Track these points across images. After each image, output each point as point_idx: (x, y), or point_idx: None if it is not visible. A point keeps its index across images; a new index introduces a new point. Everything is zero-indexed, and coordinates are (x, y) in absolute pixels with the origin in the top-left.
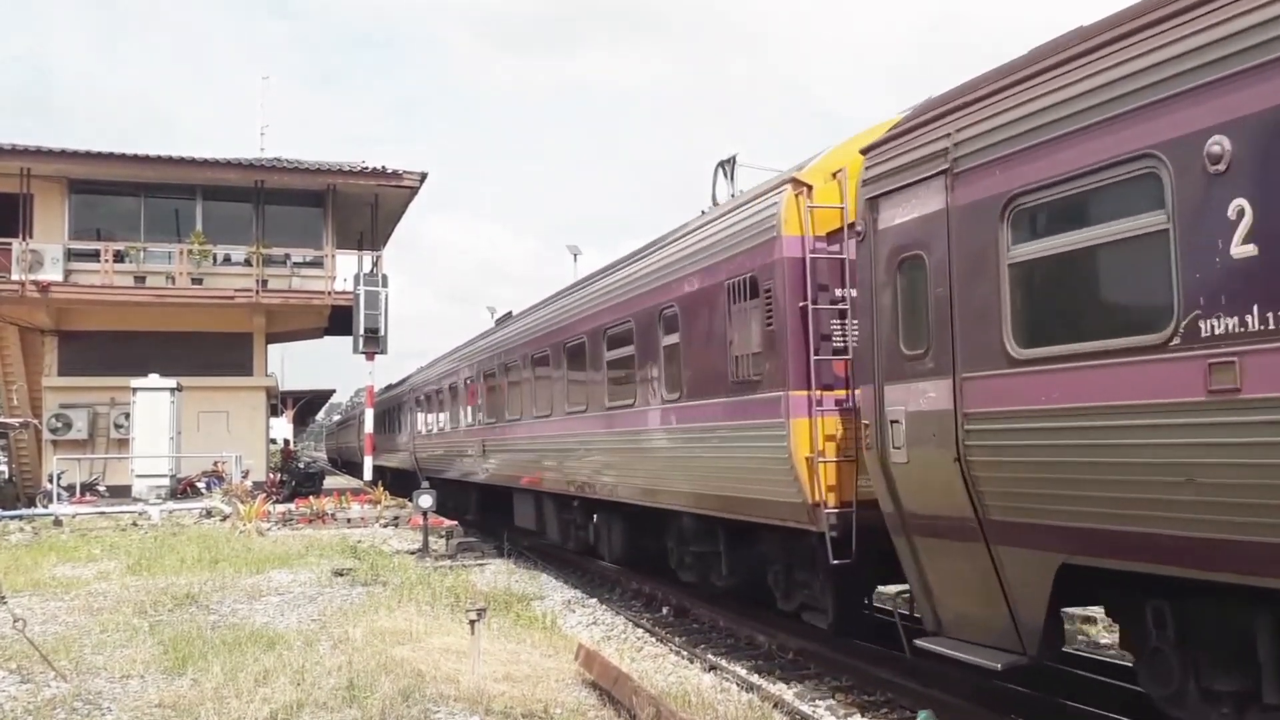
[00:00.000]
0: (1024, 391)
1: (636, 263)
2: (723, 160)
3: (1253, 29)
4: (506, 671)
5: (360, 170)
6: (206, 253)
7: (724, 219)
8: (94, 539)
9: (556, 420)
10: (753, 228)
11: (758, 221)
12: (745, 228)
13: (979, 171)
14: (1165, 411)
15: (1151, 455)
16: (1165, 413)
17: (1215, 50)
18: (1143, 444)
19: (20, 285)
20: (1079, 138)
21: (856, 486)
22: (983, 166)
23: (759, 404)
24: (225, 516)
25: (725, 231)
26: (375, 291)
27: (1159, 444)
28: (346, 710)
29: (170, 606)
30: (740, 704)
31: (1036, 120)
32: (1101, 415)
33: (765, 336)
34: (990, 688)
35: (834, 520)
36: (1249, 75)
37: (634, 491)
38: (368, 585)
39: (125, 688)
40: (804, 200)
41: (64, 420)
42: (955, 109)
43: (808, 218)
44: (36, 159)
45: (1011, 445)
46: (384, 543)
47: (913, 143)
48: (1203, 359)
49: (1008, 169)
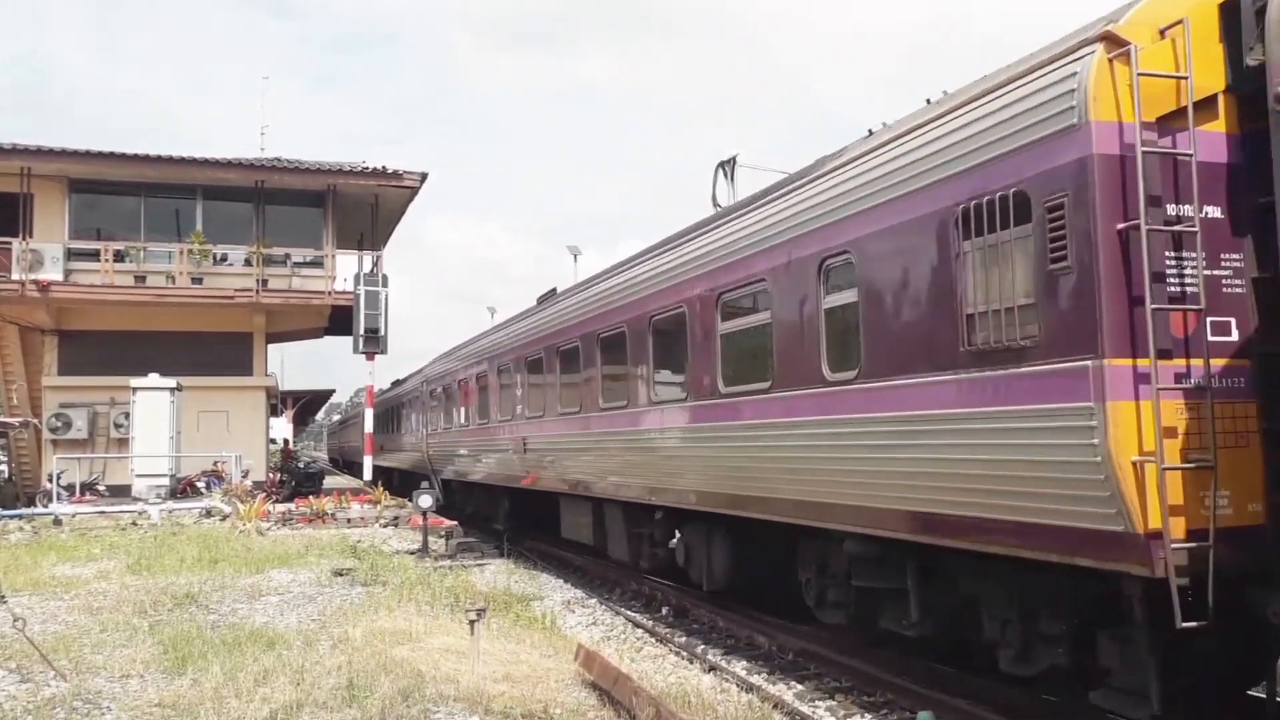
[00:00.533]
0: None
1: (762, 208)
2: (723, 161)
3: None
4: (506, 672)
5: (360, 170)
6: (206, 252)
7: (949, 118)
8: (94, 538)
9: (634, 413)
10: (1024, 116)
11: (1038, 105)
12: (1006, 119)
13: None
14: None
15: None
16: None
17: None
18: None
19: (20, 285)
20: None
21: (1215, 508)
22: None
23: (1031, 381)
24: (225, 516)
25: (954, 134)
26: (375, 291)
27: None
28: (346, 710)
29: (170, 606)
30: (740, 705)
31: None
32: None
33: (1046, 280)
34: (991, 689)
35: (1182, 560)
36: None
37: (765, 505)
38: (367, 585)
39: (125, 687)
40: (1124, 68)
41: (64, 420)
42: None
43: (1132, 93)
44: (37, 158)
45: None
46: (384, 543)
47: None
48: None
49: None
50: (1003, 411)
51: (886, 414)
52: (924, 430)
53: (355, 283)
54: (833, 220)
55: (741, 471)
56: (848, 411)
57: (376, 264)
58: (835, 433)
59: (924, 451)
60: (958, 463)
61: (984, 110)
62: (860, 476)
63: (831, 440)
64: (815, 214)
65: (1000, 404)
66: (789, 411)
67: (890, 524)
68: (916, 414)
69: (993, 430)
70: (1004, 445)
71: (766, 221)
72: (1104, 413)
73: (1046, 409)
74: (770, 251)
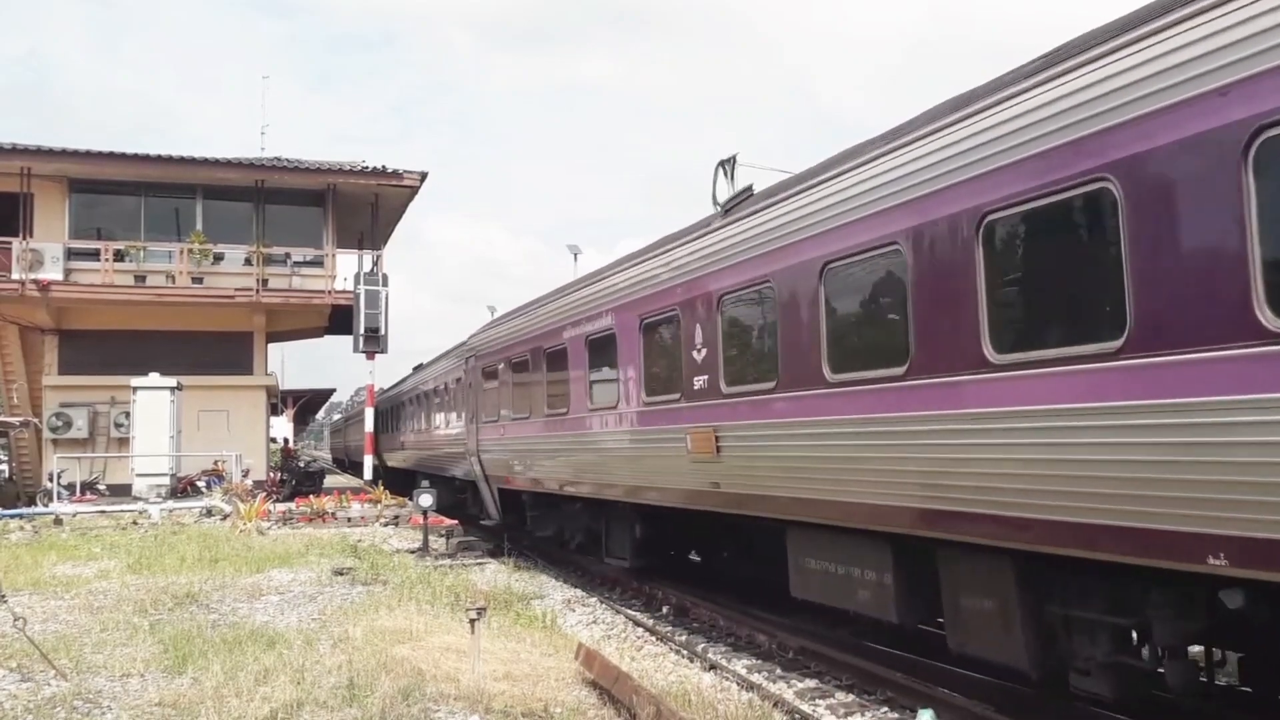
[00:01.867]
0: None
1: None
2: (723, 160)
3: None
4: (506, 670)
5: (360, 170)
6: (207, 252)
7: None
8: (94, 538)
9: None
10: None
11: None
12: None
13: None
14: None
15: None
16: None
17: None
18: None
19: (20, 284)
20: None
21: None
22: None
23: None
24: (225, 515)
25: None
26: (375, 291)
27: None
28: (346, 709)
29: (170, 605)
30: (740, 703)
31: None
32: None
33: None
34: (992, 687)
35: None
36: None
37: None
38: (368, 584)
39: (125, 686)
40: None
41: (64, 419)
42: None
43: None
44: (37, 158)
45: None
46: (384, 542)
47: None
48: None
49: None
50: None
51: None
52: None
53: (355, 282)
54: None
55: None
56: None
57: (376, 263)
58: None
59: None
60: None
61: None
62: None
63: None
64: (973, 154)
65: None
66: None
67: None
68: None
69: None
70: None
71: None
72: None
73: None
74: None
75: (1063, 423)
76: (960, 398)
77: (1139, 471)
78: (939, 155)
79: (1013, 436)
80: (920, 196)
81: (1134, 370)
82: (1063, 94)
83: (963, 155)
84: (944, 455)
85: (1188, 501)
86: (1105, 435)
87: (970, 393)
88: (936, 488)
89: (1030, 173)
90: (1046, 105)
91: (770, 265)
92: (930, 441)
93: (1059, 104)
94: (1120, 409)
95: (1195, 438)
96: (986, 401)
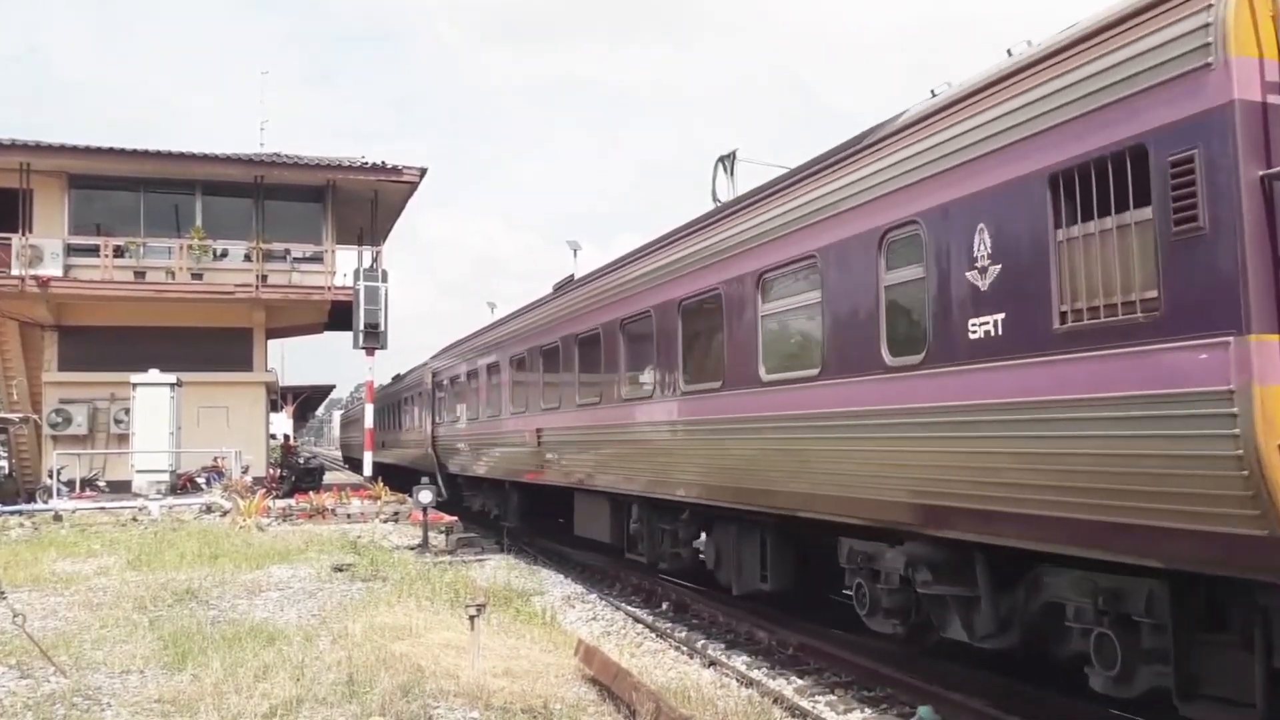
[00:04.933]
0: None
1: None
2: (723, 155)
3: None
4: (506, 667)
5: (360, 165)
6: (206, 248)
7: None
8: (94, 534)
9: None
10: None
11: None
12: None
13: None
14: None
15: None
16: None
17: None
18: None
19: (20, 280)
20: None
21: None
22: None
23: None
24: (225, 512)
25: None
26: (375, 287)
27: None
28: (346, 705)
29: (170, 602)
30: (740, 700)
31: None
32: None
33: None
34: (991, 683)
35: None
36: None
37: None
38: (367, 581)
39: (125, 683)
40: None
41: (64, 415)
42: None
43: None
44: (36, 154)
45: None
46: (384, 538)
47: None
48: None
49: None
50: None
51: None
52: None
53: (355, 278)
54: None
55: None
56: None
57: (376, 259)
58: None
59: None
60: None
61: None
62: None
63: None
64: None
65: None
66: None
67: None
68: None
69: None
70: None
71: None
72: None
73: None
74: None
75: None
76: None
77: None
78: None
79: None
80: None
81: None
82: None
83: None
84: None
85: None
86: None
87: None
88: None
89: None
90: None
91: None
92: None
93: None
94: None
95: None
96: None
